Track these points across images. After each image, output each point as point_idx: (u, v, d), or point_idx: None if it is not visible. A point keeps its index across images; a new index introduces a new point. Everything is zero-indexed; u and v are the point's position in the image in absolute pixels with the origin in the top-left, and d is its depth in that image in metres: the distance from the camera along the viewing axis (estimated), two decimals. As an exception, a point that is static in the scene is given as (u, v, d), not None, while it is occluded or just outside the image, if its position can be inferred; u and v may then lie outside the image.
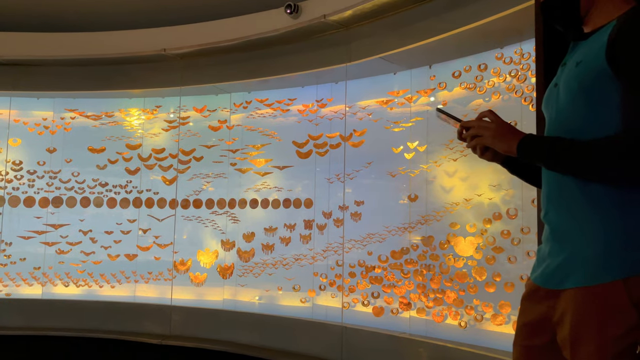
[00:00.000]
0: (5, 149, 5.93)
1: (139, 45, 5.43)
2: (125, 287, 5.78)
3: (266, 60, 5.11)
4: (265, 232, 5.34)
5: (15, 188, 5.89)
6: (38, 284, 5.83)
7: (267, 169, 5.42)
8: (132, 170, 5.88)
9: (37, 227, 5.86)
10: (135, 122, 5.98)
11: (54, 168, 5.94)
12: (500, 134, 1.53)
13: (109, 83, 5.70)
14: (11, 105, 5.97)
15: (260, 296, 5.34)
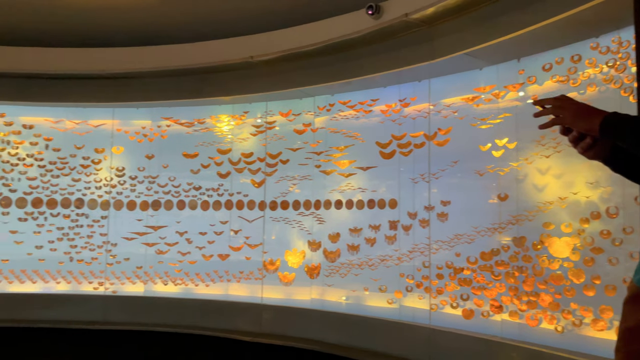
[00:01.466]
0: (109, 157, 6.42)
1: (227, 54, 5.67)
2: (219, 285, 6.06)
3: (349, 62, 5.15)
4: (351, 233, 5.38)
5: (119, 193, 6.35)
6: (140, 282, 6.25)
7: (351, 170, 5.46)
8: (223, 174, 6.15)
9: (138, 228, 6.28)
10: (225, 128, 6.24)
11: (152, 173, 6.35)
12: (581, 112, 1.45)
13: (200, 91, 6.00)
14: (114, 116, 6.45)
15: (347, 296, 5.39)
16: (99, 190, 6.37)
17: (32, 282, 6.26)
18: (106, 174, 6.39)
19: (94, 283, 6.25)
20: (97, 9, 5.54)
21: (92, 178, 6.38)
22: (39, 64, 5.98)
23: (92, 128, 6.46)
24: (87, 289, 6.25)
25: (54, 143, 6.39)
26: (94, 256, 6.28)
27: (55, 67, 5.99)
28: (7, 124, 6.33)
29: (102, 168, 6.40)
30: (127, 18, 5.72)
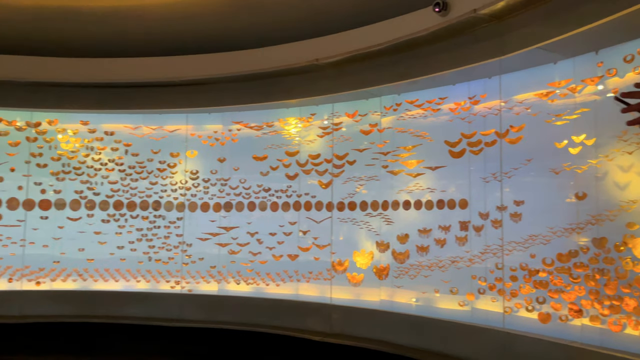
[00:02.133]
0: (184, 160, 6.68)
1: (294, 58, 5.76)
2: (289, 285, 6.16)
3: (415, 61, 5.08)
4: (420, 234, 5.32)
5: (193, 195, 6.60)
6: (214, 282, 6.47)
7: (419, 170, 5.39)
8: (291, 175, 6.25)
9: (212, 229, 6.51)
10: (293, 131, 6.34)
11: (224, 176, 6.55)
12: None
13: (269, 95, 6.13)
14: (188, 121, 6.71)
15: (416, 298, 5.32)
16: (175, 192, 6.65)
17: (114, 281, 6.63)
18: (181, 177, 6.66)
19: (170, 282, 6.54)
20: (170, 19, 5.80)
21: (168, 181, 6.67)
22: (118, 74, 6.32)
23: (167, 133, 6.75)
24: (164, 288, 6.54)
25: (133, 148, 6.74)
26: (170, 256, 6.57)
27: (133, 76, 6.31)
28: (91, 131, 6.73)
29: (177, 171, 6.68)
30: (199, 26, 5.95)
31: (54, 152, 6.67)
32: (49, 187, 6.63)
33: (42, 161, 6.63)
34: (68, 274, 6.58)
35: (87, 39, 6.26)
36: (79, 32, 6.11)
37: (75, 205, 6.65)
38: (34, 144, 6.63)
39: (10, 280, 6.46)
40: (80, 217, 6.64)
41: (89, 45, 6.33)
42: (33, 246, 6.54)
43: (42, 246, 6.55)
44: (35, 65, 6.24)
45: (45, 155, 6.65)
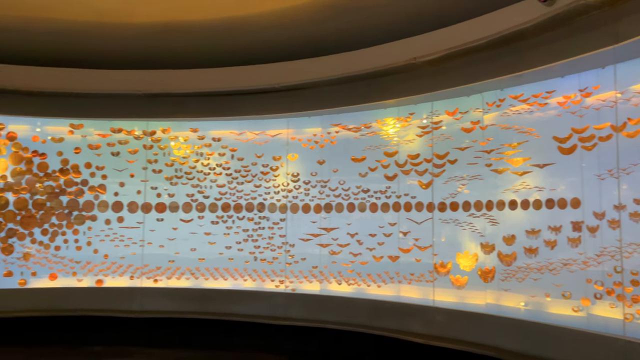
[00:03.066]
0: (285, 164, 6.89)
1: (391, 58, 5.74)
2: (390, 287, 6.14)
3: (519, 54, 4.86)
4: (527, 235, 5.07)
5: (294, 197, 6.79)
6: (316, 281, 6.61)
7: (525, 168, 5.14)
8: (390, 176, 6.23)
9: (313, 230, 6.65)
10: (391, 131, 6.32)
11: (324, 178, 6.67)
12: None
13: (367, 96, 6.15)
14: (288, 125, 6.92)
15: (525, 302, 5.08)
16: (277, 194, 6.88)
17: (223, 279, 6.98)
18: (283, 179, 6.88)
19: (275, 281, 6.77)
20: (270, 27, 6.01)
21: (271, 184, 6.92)
22: (224, 83, 6.66)
23: (269, 138, 7.01)
24: (269, 287, 6.79)
25: (238, 153, 7.07)
26: (274, 256, 6.81)
27: (238, 84, 6.63)
28: (200, 138, 7.15)
29: (280, 174, 6.91)
30: (298, 32, 6.11)
31: (168, 158, 7.17)
32: (163, 191, 7.14)
33: (157, 167, 7.15)
34: (182, 273, 7.04)
35: (198, 51, 6.66)
36: (191, 45, 6.51)
37: (187, 208, 7.09)
38: (150, 152, 7.17)
39: (131, 277, 7.03)
40: (192, 219, 7.08)
41: (199, 56, 6.73)
42: (151, 246, 7.07)
43: (159, 246, 7.07)
44: (151, 78, 6.75)
45: (160, 161, 7.16)
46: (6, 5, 5.57)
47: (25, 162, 6.96)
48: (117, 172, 7.12)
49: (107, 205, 7.08)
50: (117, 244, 7.05)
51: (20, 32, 6.14)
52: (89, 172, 7.10)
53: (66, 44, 6.47)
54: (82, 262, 7.02)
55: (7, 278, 6.80)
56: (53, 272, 6.95)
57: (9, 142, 6.92)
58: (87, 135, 7.15)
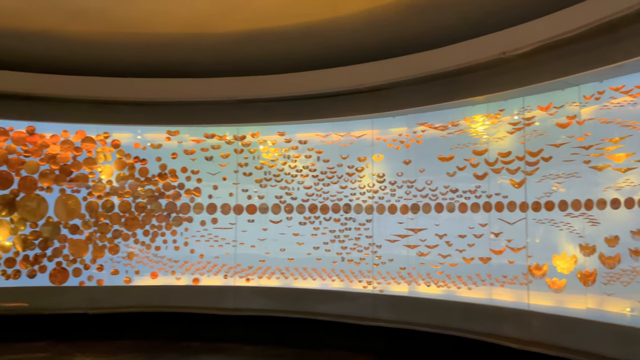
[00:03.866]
0: (371, 164, 6.90)
1: (477, 53, 5.56)
2: (482, 289, 5.95)
3: (619, 43, 4.53)
4: (633, 236, 4.72)
5: (380, 197, 6.77)
6: (404, 283, 6.55)
7: (629, 164, 4.79)
8: (479, 175, 6.04)
9: (400, 231, 6.60)
10: (480, 129, 6.13)
11: (410, 178, 6.60)
12: None
13: (453, 94, 6.01)
14: (373, 126, 6.91)
15: (632, 307, 4.73)
16: (363, 195, 6.89)
17: (312, 279, 7.11)
18: (369, 180, 6.88)
19: (363, 282, 6.79)
20: (354, 29, 6.05)
21: (357, 185, 6.95)
22: (309, 86, 6.78)
23: (354, 139, 7.04)
24: (357, 287, 6.82)
25: (324, 155, 7.17)
26: (361, 257, 6.83)
27: (323, 87, 6.72)
28: (287, 141, 7.33)
29: (365, 175, 6.92)
30: (381, 32, 6.10)
31: (257, 161, 7.41)
32: (254, 193, 7.39)
33: (247, 170, 7.41)
34: (272, 272, 7.25)
35: (283, 56, 6.83)
36: (276, 51, 6.70)
37: (276, 209, 7.30)
38: (241, 155, 7.45)
39: (225, 276, 7.34)
40: (281, 220, 7.27)
41: (285, 61, 6.90)
42: (243, 246, 7.35)
43: (250, 246, 7.33)
44: (241, 85, 7.01)
45: (250, 164, 7.42)
46: (103, 23, 6.01)
47: (128, 167, 7.48)
48: (210, 175, 7.47)
49: (202, 207, 7.45)
50: (211, 244, 7.40)
51: (119, 46, 6.60)
52: (185, 176, 7.51)
53: (160, 55, 6.88)
54: (180, 261, 7.44)
55: (114, 276, 7.35)
56: (154, 270, 7.42)
57: (113, 150, 7.47)
58: (182, 142, 7.57)
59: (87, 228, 7.32)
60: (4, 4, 5.54)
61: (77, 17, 5.86)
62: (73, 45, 6.53)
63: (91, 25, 6.06)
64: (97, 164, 7.42)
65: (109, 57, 6.87)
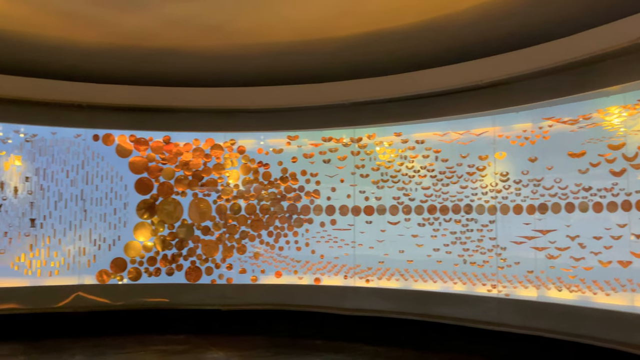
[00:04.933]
0: (493, 163, 6.62)
1: (609, 40, 5.14)
2: (622, 295, 5.46)
3: None
4: None
5: (504, 197, 6.48)
6: (532, 287, 6.20)
7: None
8: (617, 171, 5.55)
9: (526, 232, 6.25)
10: (616, 121, 5.63)
11: (536, 176, 6.23)
12: None
13: (584, 85, 5.59)
14: (494, 123, 6.63)
15: None
16: (485, 195, 6.64)
17: (432, 282, 6.98)
18: (491, 179, 6.61)
19: (487, 285, 6.53)
20: (469, 24, 5.87)
21: (478, 184, 6.70)
22: (424, 85, 6.69)
23: (474, 137, 6.81)
24: (480, 291, 6.58)
25: (442, 154, 7.01)
26: (485, 259, 6.58)
27: (438, 84, 6.59)
28: (404, 142, 7.28)
29: (487, 174, 6.66)
30: (498, 25, 5.86)
31: (374, 163, 7.44)
32: (371, 194, 7.43)
33: (364, 172, 7.47)
34: (392, 274, 7.24)
35: (398, 57, 6.81)
36: (391, 51, 6.70)
37: (393, 210, 7.28)
38: (358, 157, 7.53)
39: (345, 277, 7.46)
40: (399, 221, 7.24)
41: (400, 62, 6.87)
42: (361, 248, 7.42)
43: (369, 248, 7.38)
44: (356, 87, 7.10)
45: (367, 166, 7.47)
46: (226, 36, 6.39)
47: (253, 172, 7.89)
48: (328, 178, 7.65)
49: (321, 209, 7.65)
50: (331, 245, 7.57)
51: (240, 57, 6.98)
52: (305, 179, 7.75)
53: (278, 63, 7.18)
54: (302, 261, 7.70)
55: (242, 274, 7.79)
56: (278, 270, 7.75)
57: (239, 155, 7.93)
58: (302, 146, 7.82)
59: (217, 229, 7.84)
60: (139, 26, 6.12)
61: (204, 33, 6.31)
62: (200, 59, 7.04)
63: (216, 40, 6.49)
64: (225, 169, 7.92)
65: (232, 68, 7.30)
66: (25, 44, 6.50)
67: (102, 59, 6.97)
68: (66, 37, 6.37)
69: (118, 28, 6.17)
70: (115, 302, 7.48)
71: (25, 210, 7.31)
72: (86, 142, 7.63)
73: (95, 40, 6.48)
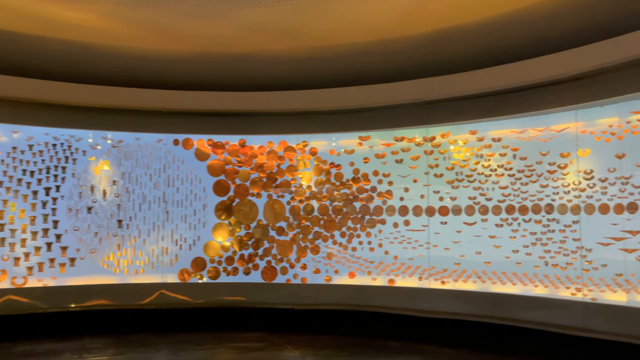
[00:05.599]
0: (575, 160, 6.30)
1: None
2: None
3: None
4: None
5: (589, 196, 6.14)
6: (622, 291, 5.84)
7: None
8: None
9: (614, 233, 5.89)
10: None
11: (624, 173, 5.87)
12: None
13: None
14: (577, 118, 6.31)
15: None
16: (568, 194, 6.33)
17: (512, 284, 6.74)
18: (574, 177, 6.30)
19: (571, 288, 6.22)
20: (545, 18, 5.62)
21: (560, 183, 6.40)
22: (501, 80, 6.48)
23: (555, 133, 6.51)
24: (564, 294, 6.27)
25: (521, 152, 6.76)
26: (568, 261, 6.27)
27: (516, 80, 6.36)
28: (479, 140, 7.08)
29: (569, 172, 6.35)
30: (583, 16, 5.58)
31: (448, 162, 7.29)
32: (445, 194, 7.29)
33: (438, 171, 7.34)
34: (468, 276, 7.05)
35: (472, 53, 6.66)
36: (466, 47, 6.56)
37: (469, 211, 7.09)
38: (431, 157, 7.41)
39: (420, 278, 7.36)
40: (475, 222, 7.04)
41: (474, 58, 6.71)
42: (436, 249, 7.29)
43: (444, 249, 7.23)
44: (429, 86, 7.00)
45: (441, 165, 7.33)
46: (300, 39, 6.49)
47: (325, 173, 7.96)
48: (401, 178, 7.58)
49: (394, 209, 7.59)
50: (404, 246, 7.49)
51: (314, 60, 7.06)
52: (377, 179, 7.73)
53: (350, 64, 7.19)
54: (375, 262, 7.67)
55: (316, 274, 7.87)
56: (351, 270, 7.77)
57: (311, 157, 8.02)
58: (373, 146, 7.80)
59: (291, 230, 7.97)
60: (218, 34, 6.33)
61: (280, 38, 6.44)
62: (275, 63, 7.19)
63: (291, 43, 6.60)
64: (298, 171, 8.04)
65: (306, 70, 7.40)
66: (115, 56, 6.90)
67: (183, 66, 7.29)
68: (152, 48, 6.70)
69: (199, 37, 6.41)
70: (195, 300, 7.79)
71: (113, 212, 7.77)
72: (167, 146, 8.01)
73: (178, 50, 6.77)
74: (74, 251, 7.54)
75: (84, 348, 6.42)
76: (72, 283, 7.48)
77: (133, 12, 5.74)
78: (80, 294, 7.46)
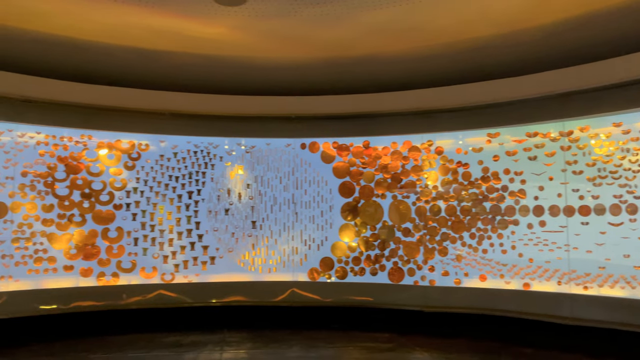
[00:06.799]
0: None
1: None
2: None
3: None
4: None
5: None
6: None
7: None
8: None
9: None
10: None
11: None
12: None
13: None
14: None
15: None
16: None
17: (668, 291, 6.04)
18: None
19: None
20: None
21: None
22: None
23: None
24: None
25: (676, 144, 6.04)
26: None
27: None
28: (625, 132, 6.45)
29: None
30: None
31: (589, 158, 6.73)
32: (586, 193, 6.73)
33: (577, 168, 6.80)
34: (615, 281, 6.44)
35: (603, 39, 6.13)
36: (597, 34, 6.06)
37: (615, 210, 6.47)
38: (568, 152, 6.88)
39: (559, 283, 6.87)
40: (622, 222, 6.42)
41: (604, 45, 6.16)
42: (577, 251, 6.75)
43: (586, 251, 6.68)
44: (564, 76, 6.54)
45: (580, 162, 6.79)
46: (421, 37, 6.40)
47: (452, 172, 7.76)
48: (535, 176, 7.14)
49: (527, 209, 7.17)
50: (540, 248, 7.04)
51: (438, 57, 6.93)
52: (508, 178, 7.35)
53: (473, 59, 6.97)
54: (508, 265, 7.29)
55: (445, 277, 7.69)
56: (482, 273, 7.47)
57: (437, 156, 7.86)
58: (503, 143, 7.45)
59: (418, 231, 7.87)
60: (340, 38, 6.46)
61: (403, 37, 6.41)
62: (398, 63, 7.17)
63: (414, 42, 6.54)
64: (423, 171, 7.92)
65: (430, 68, 7.29)
66: (245, 66, 7.35)
67: (308, 72, 7.54)
68: (280, 56, 7.04)
69: (321, 42, 6.60)
70: (324, 299, 8.00)
71: (247, 214, 8.26)
72: (295, 150, 8.34)
73: (302, 56, 7.03)
74: (214, 250, 8.14)
75: (225, 341, 6.88)
76: (212, 280, 8.07)
77: (259, 23, 6.06)
78: (220, 290, 8.02)
